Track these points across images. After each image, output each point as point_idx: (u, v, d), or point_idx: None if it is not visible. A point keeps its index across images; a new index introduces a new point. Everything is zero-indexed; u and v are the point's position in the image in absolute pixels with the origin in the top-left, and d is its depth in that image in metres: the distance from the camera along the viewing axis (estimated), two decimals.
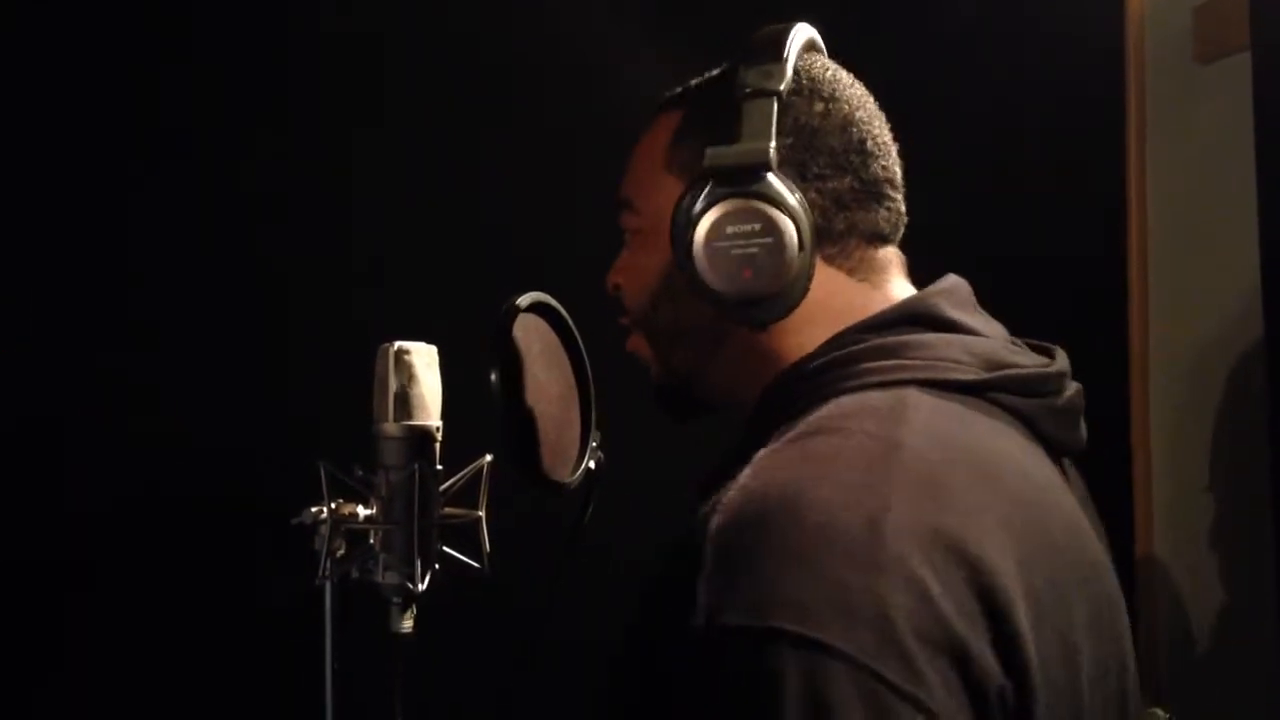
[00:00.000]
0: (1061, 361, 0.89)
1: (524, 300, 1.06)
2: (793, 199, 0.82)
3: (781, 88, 0.84)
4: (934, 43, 1.74)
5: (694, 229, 0.82)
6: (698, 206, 0.83)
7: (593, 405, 1.14)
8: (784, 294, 0.82)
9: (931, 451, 0.73)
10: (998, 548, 0.70)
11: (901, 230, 0.93)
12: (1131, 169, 1.71)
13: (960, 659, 0.65)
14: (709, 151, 0.83)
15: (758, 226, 0.81)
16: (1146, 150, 1.70)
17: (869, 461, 0.72)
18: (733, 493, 0.72)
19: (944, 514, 0.69)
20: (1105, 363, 1.72)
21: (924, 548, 0.67)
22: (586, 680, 0.92)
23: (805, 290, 0.83)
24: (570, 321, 1.13)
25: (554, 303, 1.11)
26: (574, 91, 1.79)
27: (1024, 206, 1.72)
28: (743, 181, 0.82)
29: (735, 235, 0.82)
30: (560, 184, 1.75)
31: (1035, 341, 0.91)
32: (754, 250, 0.81)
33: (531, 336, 1.06)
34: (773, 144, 0.82)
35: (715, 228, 0.82)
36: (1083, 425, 0.90)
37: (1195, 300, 1.65)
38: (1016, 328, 0.93)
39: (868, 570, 0.66)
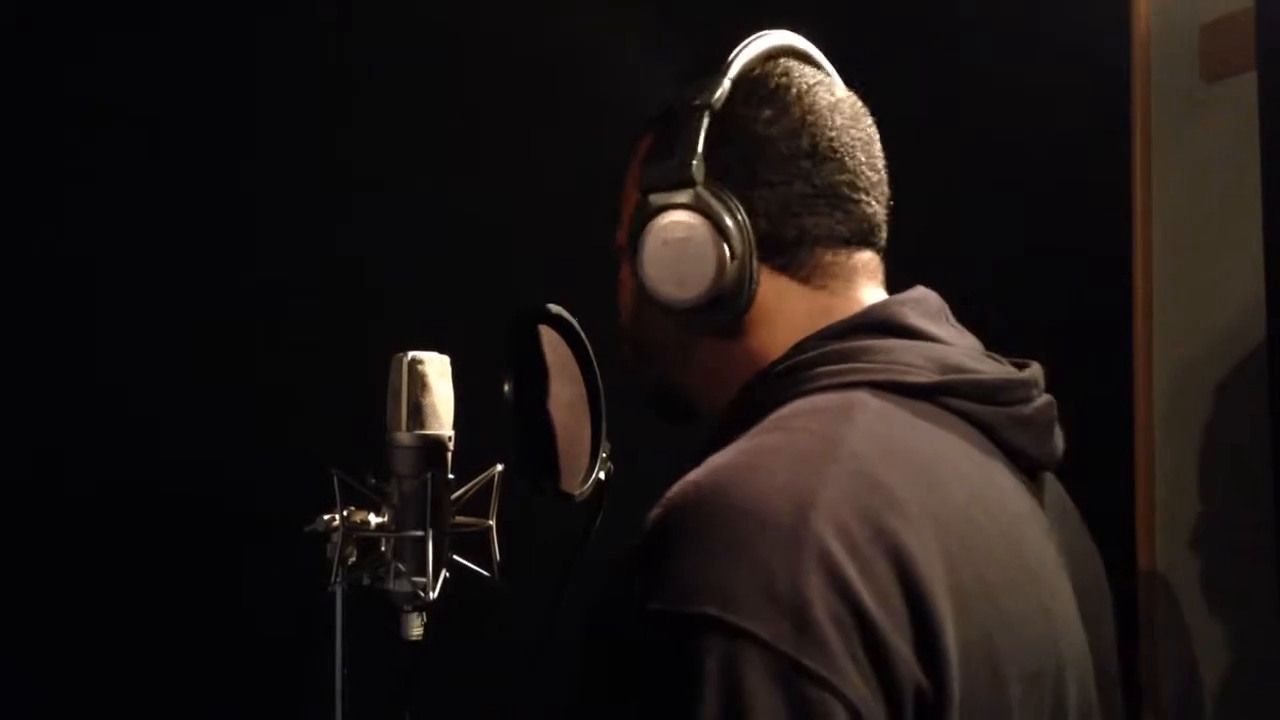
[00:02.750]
0: (1032, 372, 0.89)
1: (537, 311, 1.08)
2: (723, 208, 0.85)
3: (714, 100, 0.87)
4: (941, 60, 1.75)
5: (637, 243, 0.88)
6: (639, 223, 0.88)
7: (603, 416, 1.15)
8: (724, 301, 0.86)
9: (869, 449, 0.74)
10: (925, 545, 0.70)
11: (876, 233, 0.92)
12: (1137, 185, 1.71)
13: (877, 649, 0.66)
14: (644, 170, 0.88)
15: (686, 237, 0.86)
16: (1152, 167, 1.71)
17: (805, 455, 0.73)
18: (674, 488, 0.73)
19: (874, 508, 0.70)
20: (1109, 375, 1.73)
21: (850, 538, 0.68)
22: None
23: (751, 296, 0.87)
24: (582, 333, 1.14)
25: (566, 314, 1.12)
26: (589, 102, 1.81)
27: (1030, 221, 1.73)
28: (672, 196, 0.86)
29: (669, 246, 0.86)
30: (573, 195, 1.77)
31: (1016, 359, 0.91)
32: (687, 261, 0.86)
33: (545, 347, 1.08)
34: (696, 159, 0.86)
35: (653, 241, 0.87)
36: (1057, 437, 0.89)
37: (1199, 315, 1.66)
38: (1021, 340, 0.94)
39: (789, 556, 0.67)
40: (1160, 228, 1.70)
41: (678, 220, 0.86)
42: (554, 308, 1.10)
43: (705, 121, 0.86)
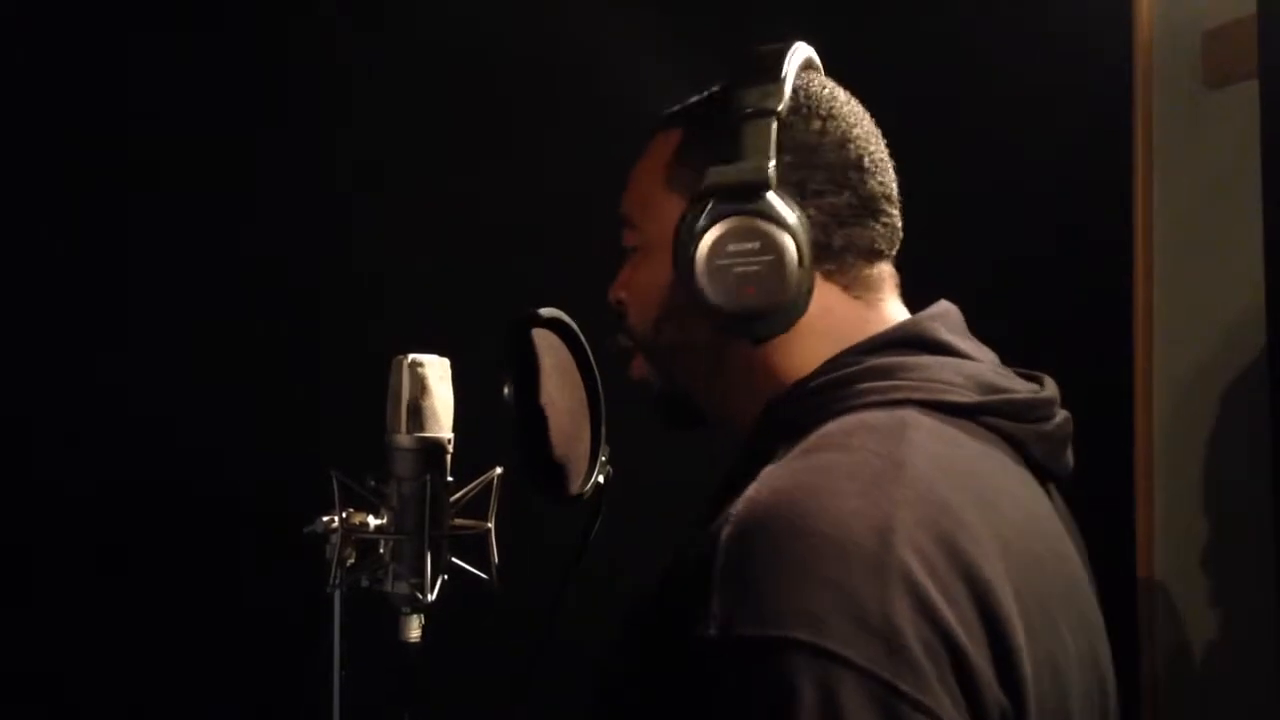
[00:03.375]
0: (1050, 388, 0.90)
1: (538, 315, 1.08)
2: (793, 217, 0.84)
3: (780, 107, 0.85)
4: (942, 64, 1.75)
5: (696, 247, 0.84)
6: (699, 225, 0.85)
7: (603, 420, 1.15)
8: (784, 309, 0.85)
9: (932, 471, 0.74)
10: (995, 567, 0.71)
11: (897, 245, 0.93)
12: (1139, 192, 1.71)
13: (964, 673, 0.67)
14: (710, 171, 0.85)
15: (758, 244, 0.83)
16: (1154, 173, 1.71)
17: (874, 477, 0.73)
18: (740, 506, 0.73)
19: (947, 531, 0.71)
20: (1108, 384, 1.73)
21: (929, 562, 0.68)
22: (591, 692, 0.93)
23: (805, 305, 0.85)
24: (582, 337, 1.14)
25: (567, 318, 1.12)
26: (592, 102, 1.81)
27: (1031, 229, 1.73)
28: (743, 200, 0.84)
29: (736, 253, 0.84)
30: (575, 198, 1.77)
31: (1022, 370, 0.92)
32: (755, 267, 0.83)
33: (545, 351, 1.08)
34: (772, 163, 0.84)
35: (717, 246, 0.84)
36: (1070, 451, 0.91)
37: (1199, 323, 1.66)
38: (1022, 348, 0.94)
39: (877, 581, 0.67)
40: (1162, 234, 1.70)
41: (749, 225, 0.83)
42: (555, 312, 1.11)
43: (775, 127, 0.85)
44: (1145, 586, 1.69)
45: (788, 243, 0.83)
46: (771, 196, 0.83)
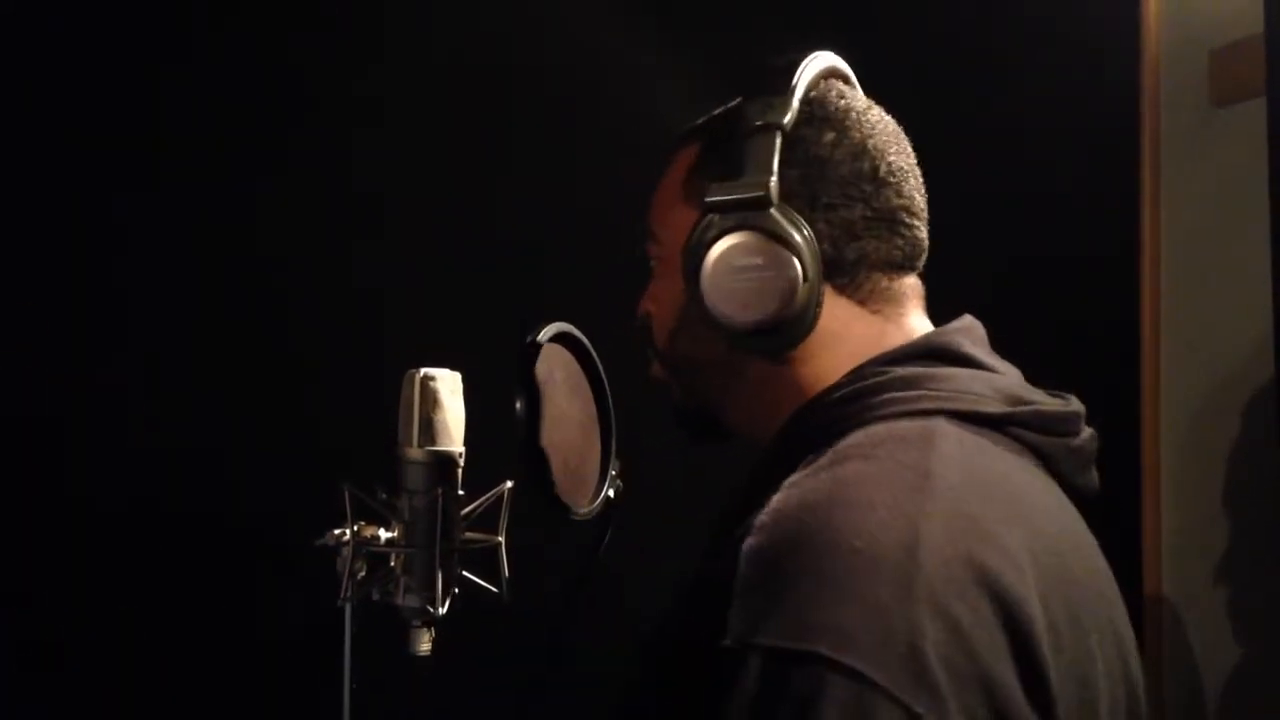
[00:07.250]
0: (1077, 404, 0.90)
1: (548, 331, 1.08)
2: (796, 232, 0.84)
3: (785, 121, 0.86)
4: (950, 84, 1.76)
5: (700, 262, 0.85)
6: (702, 241, 0.85)
7: (613, 434, 1.15)
8: (791, 325, 0.85)
9: (960, 482, 0.74)
10: (1024, 582, 0.71)
11: (922, 258, 0.93)
12: (1146, 210, 1.72)
13: (989, 693, 0.66)
14: (712, 187, 0.86)
15: (761, 260, 0.84)
16: (1161, 192, 1.72)
17: (902, 489, 0.73)
18: (765, 515, 0.72)
19: (975, 545, 0.70)
20: (1117, 401, 1.73)
21: (958, 579, 0.68)
22: (600, 706, 0.93)
23: (815, 320, 0.85)
24: (593, 351, 1.14)
25: (577, 333, 1.13)
26: (604, 118, 1.81)
27: (1038, 247, 1.73)
28: (745, 216, 0.84)
29: (739, 269, 0.84)
30: (589, 212, 1.78)
31: (1050, 390, 0.92)
32: (758, 283, 0.84)
33: (555, 366, 1.08)
34: (774, 178, 0.84)
35: (720, 262, 0.85)
36: (1094, 470, 0.90)
37: (1207, 340, 1.66)
38: (1029, 367, 0.94)
39: (903, 600, 0.67)
40: (1169, 252, 1.71)
41: (751, 242, 0.84)
42: (566, 327, 1.11)
43: (779, 142, 0.85)
44: (1153, 605, 1.68)
45: (790, 259, 0.83)
46: (774, 212, 0.84)
